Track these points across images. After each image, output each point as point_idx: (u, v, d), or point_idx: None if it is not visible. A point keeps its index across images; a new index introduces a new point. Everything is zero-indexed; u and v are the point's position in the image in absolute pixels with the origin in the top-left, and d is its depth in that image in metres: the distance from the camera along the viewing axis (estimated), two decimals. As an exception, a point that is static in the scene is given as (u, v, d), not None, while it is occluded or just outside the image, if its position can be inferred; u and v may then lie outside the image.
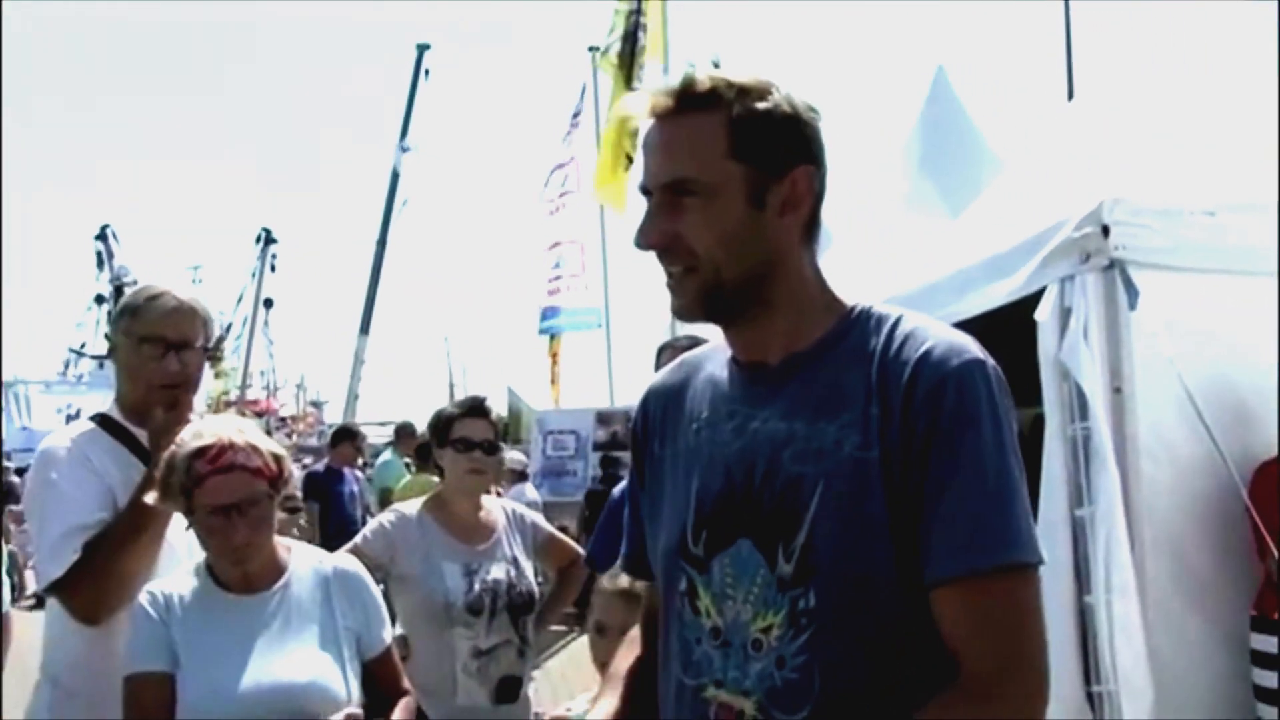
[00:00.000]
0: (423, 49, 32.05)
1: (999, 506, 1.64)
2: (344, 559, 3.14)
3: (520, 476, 11.87)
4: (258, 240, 37.99)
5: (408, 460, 11.91)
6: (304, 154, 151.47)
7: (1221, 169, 4.54)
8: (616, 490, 3.88)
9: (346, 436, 12.37)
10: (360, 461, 12.35)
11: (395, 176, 30.48)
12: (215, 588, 2.86)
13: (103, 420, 3.15)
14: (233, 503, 2.75)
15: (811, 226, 1.83)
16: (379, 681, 3.03)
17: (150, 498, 2.82)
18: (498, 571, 4.12)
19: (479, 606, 4.02)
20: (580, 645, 10.76)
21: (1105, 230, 4.04)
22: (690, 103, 1.75)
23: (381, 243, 31.20)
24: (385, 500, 10.52)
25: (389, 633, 3.11)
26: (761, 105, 1.75)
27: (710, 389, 1.91)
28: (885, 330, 1.77)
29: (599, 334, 17.52)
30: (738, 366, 1.89)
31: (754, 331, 1.84)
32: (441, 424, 4.20)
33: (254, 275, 37.73)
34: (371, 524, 4.27)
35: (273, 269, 37.78)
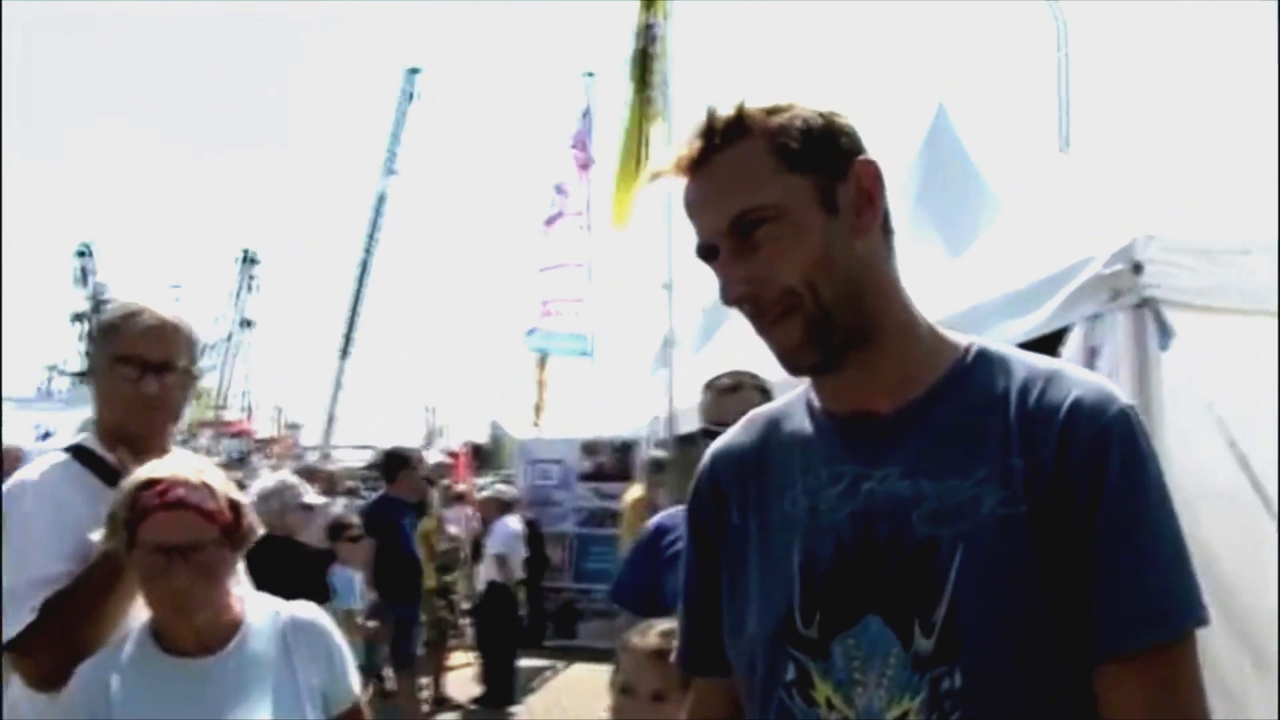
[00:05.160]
0: (412, 72, 32.11)
1: (1179, 565, 1.49)
2: (301, 607, 2.81)
3: (506, 507, 11.65)
4: (239, 260, 37.83)
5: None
6: (289, 175, 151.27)
7: (1248, 208, 4.42)
8: (651, 523, 3.64)
9: (401, 464, 10.08)
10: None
11: (381, 200, 30.41)
12: (161, 653, 2.56)
13: (77, 451, 2.85)
14: (176, 544, 2.48)
15: (887, 232, 1.64)
16: None
17: (96, 534, 2.55)
18: None
19: None
20: (564, 680, 10.59)
21: (1137, 267, 3.91)
22: (722, 139, 1.59)
23: (364, 266, 31.15)
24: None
25: (357, 685, 2.82)
26: (794, 115, 1.58)
27: (800, 449, 1.70)
28: (1017, 373, 1.59)
29: (581, 362, 17.31)
30: (831, 419, 1.67)
31: (860, 374, 1.62)
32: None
33: (234, 295, 37.49)
34: None
35: (253, 289, 37.56)
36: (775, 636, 1.61)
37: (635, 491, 12.33)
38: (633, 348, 16.47)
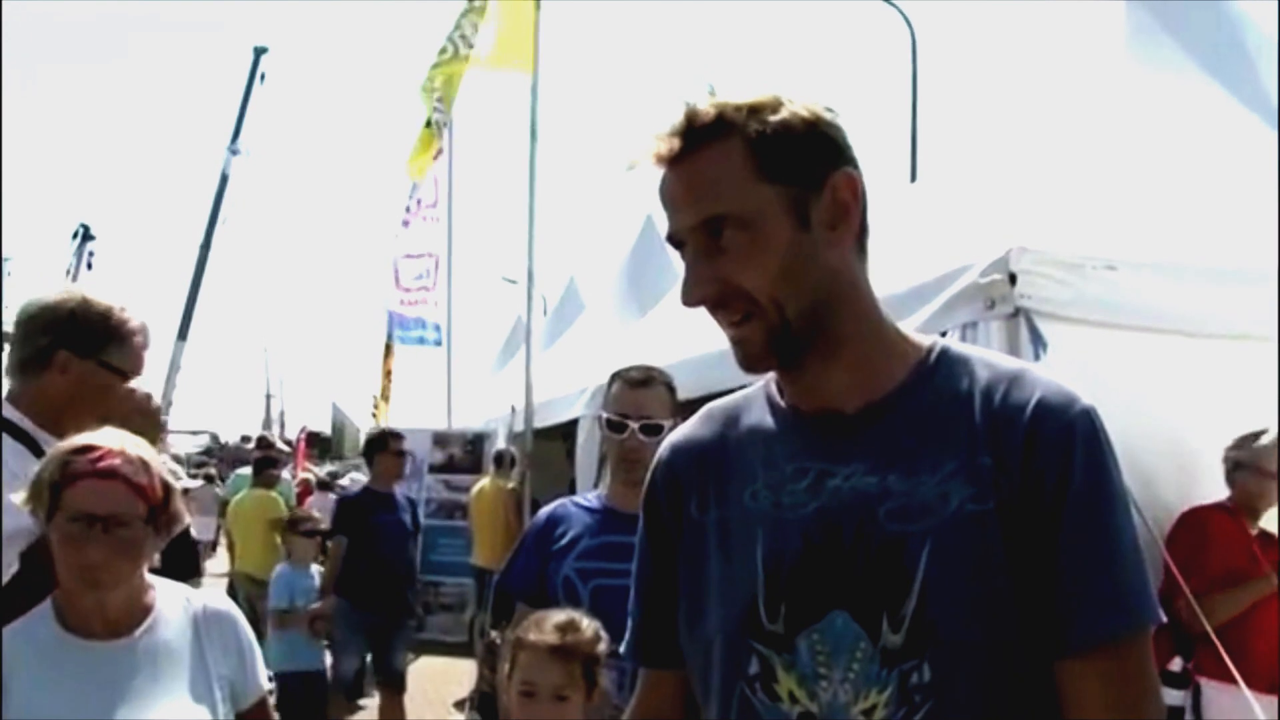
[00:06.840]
0: (260, 51, 31.27)
1: (1136, 564, 1.54)
2: (214, 597, 2.76)
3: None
4: (75, 236, 36.37)
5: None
6: (130, 151, 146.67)
7: (1111, 225, 4.56)
8: (542, 513, 3.60)
9: (379, 445, 8.70)
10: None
11: (224, 180, 29.61)
12: (65, 633, 2.45)
13: (6, 426, 2.70)
14: (102, 514, 2.36)
15: (862, 239, 1.65)
16: None
17: (17, 497, 2.42)
18: None
19: None
20: (412, 673, 10.49)
21: (1012, 278, 4.02)
22: (699, 136, 1.58)
23: (205, 247, 30.22)
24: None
25: (264, 680, 2.77)
26: (776, 119, 1.57)
27: (760, 444, 1.70)
28: (980, 373, 1.61)
29: (426, 352, 17.05)
30: (796, 415, 1.68)
31: (824, 373, 1.63)
32: None
33: (69, 272, 36.06)
34: None
35: (89, 267, 36.14)
36: (738, 630, 1.62)
37: (482, 483, 12.31)
38: (478, 340, 16.28)
